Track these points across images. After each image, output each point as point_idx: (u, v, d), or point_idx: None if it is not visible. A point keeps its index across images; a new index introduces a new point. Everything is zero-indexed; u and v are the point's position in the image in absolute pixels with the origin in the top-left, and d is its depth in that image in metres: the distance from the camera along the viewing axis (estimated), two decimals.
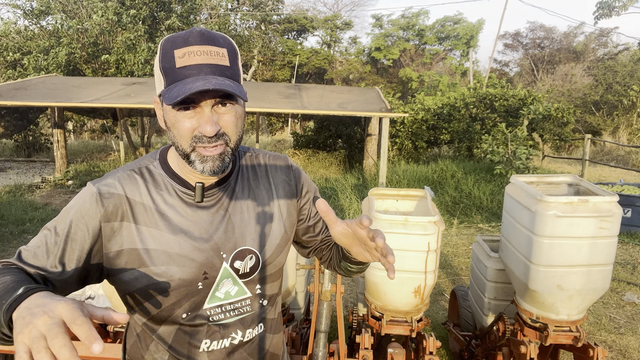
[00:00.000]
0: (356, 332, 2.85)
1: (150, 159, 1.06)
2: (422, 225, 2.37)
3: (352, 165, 11.96)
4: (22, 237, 6.34)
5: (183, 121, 0.92)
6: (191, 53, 0.89)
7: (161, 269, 0.98)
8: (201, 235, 1.01)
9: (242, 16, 21.11)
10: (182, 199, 1.02)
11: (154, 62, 0.96)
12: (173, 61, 0.90)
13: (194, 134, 0.92)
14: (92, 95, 9.07)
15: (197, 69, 0.89)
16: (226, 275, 1.04)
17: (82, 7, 14.36)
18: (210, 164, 0.94)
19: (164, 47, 0.91)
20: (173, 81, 0.90)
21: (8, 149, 15.59)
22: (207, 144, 0.92)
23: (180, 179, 1.02)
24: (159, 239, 0.98)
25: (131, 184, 1.00)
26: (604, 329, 3.84)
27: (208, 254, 1.02)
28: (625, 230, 6.45)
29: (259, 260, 1.08)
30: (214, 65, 0.90)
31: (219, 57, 0.91)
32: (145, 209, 0.99)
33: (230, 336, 1.08)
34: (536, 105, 10.97)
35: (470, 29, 26.43)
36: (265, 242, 1.09)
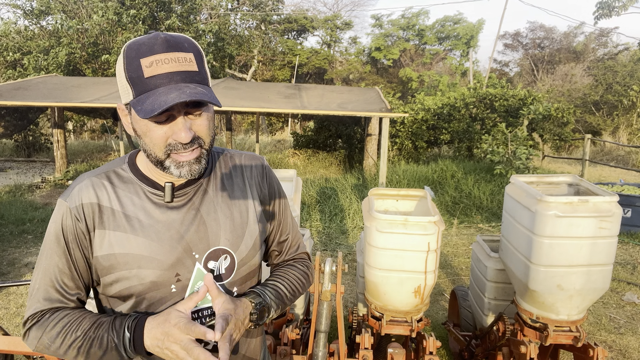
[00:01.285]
0: (356, 332, 2.85)
1: (119, 163, 1.06)
2: (422, 225, 2.37)
3: (352, 165, 11.96)
4: (22, 237, 6.34)
5: (155, 130, 0.91)
6: (159, 62, 0.88)
7: (132, 272, 0.97)
8: (171, 235, 1.00)
9: (242, 16, 21.12)
10: (152, 200, 1.01)
11: (117, 70, 0.93)
12: (140, 70, 0.88)
13: (167, 142, 0.92)
14: (92, 95, 9.07)
15: (167, 77, 0.88)
16: (200, 276, 1.02)
17: (82, 7, 14.36)
18: (187, 168, 0.95)
19: (128, 55, 0.89)
20: (142, 91, 0.88)
21: (8, 149, 15.59)
22: (183, 150, 0.93)
23: (149, 180, 1.02)
24: (128, 243, 0.98)
25: (97, 189, 1.00)
26: (604, 329, 3.84)
27: (179, 254, 1.00)
28: (625, 230, 6.45)
29: (234, 261, 1.06)
30: (184, 72, 0.89)
31: (187, 63, 0.90)
32: (113, 213, 0.99)
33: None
34: (536, 105, 10.97)
35: (470, 29, 26.44)
36: (241, 242, 1.07)
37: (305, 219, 7.31)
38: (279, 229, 1.21)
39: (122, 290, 0.99)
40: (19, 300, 4.29)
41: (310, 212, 7.64)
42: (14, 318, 3.95)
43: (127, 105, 0.94)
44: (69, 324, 0.97)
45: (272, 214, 1.19)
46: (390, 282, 2.47)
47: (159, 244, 0.99)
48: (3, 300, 4.29)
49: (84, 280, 1.02)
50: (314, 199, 8.23)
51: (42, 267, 1.00)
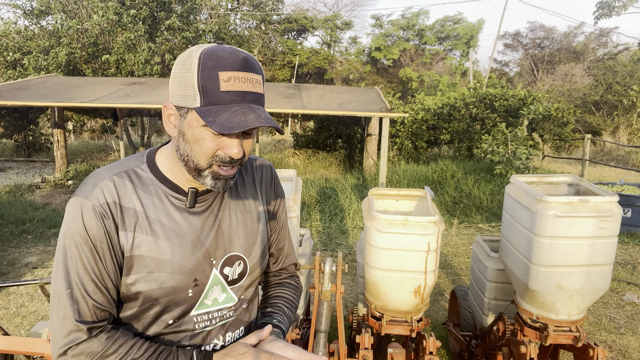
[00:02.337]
0: (356, 332, 2.85)
1: (136, 162, 1.03)
2: (422, 225, 2.37)
3: (352, 165, 11.96)
4: (22, 237, 6.34)
5: (210, 140, 0.92)
6: (237, 79, 0.89)
7: (153, 275, 0.97)
8: (192, 241, 1.00)
9: (242, 16, 21.11)
10: (173, 203, 1.00)
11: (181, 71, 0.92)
12: (217, 83, 0.88)
13: (216, 154, 0.93)
14: (92, 95, 9.07)
15: (241, 96, 0.90)
16: (216, 282, 1.04)
17: (82, 7, 14.36)
18: (222, 182, 0.97)
19: (205, 64, 0.89)
20: (214, 103, 0.89)
21: (8, 149, 15.59)
22: (228, 165, 0.95)
23: (172, 183, 1.01)
24: (150, 246, 0.97)
25: (119, 188, 0.97)
26: (604, 329, 3.84)
27: (199, 260, 1.01)
28: (625, 230, 6.45)
29: (246, 266, 1.09)
30: (254, 94, 0.92)
31: (258, 85, 0.92)
32: (135, 214, 0.97)
33: (212, 342, 1.08)
34: (536, 105, 10.97)
35: (470, 29, 26.44)
36: (253, 248, 1.10)
37: (305, 219, 7.31)
38: (277, 237, 1.23)
39: (139, 293, 0.97)
40: (19, 300, 4.29)
41: (310, 212, 7.63)
42: (14, 318, 3.95)
43: (183, 109, 0.93)
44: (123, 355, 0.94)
45: (276, 220, 1.21)
46: (390, 282, 2.47)
47: (180, 249, 0.99)
48: (3, 300, 4.29)
49: (115, 284, 0.98)
50: (314, 199, 8.23)
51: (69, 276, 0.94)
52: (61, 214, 7.55)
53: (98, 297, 0.95)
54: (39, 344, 2.06)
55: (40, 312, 4.03)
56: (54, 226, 6.87)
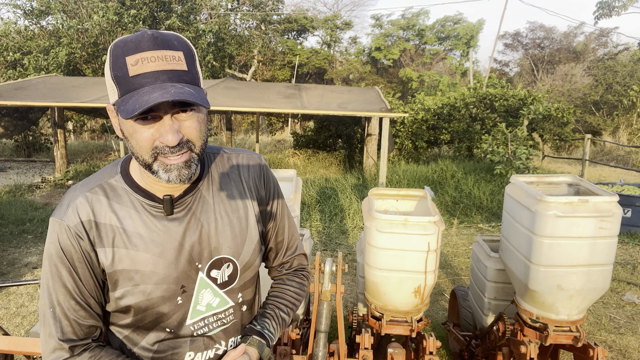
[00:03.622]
0: (356, 332, 2.85)
1: (110, 173, 1.00)
2: (422, 225, 2.37)
3: (352, 165, 11.96)
4: (22, 237, 6.34)
5: (142, 132, 0.86)
6: (144, 59, 0.83)
7: (138, 288, 0.95)
8: (174, 248, 0.97)
9: (242, 16, 21.11)
10: (150, 212, 0.97)
11: (105, 69, 0.89)
12: (125, 69, 0.83)
13: (154, 145, 0.87)
14: (92, 95, 9.07)
15: (153, 77, 0.83)
16: (204, 285, 1.01)
17: (82, 7, 14.36)
18: (175, 173, 0.90)
19: (114, 53, 0.84)
20: (127, 91, 0.84)
21: (8, 149, 15.59)
22: (170, 153, 0.88)
23: (146, 192, 0.97)
24: (131, 259, 0.95)
25: (94, 205, 0.95)
26: (604, 329, 3.84)
27: (183, 266, 0.98)
28: (625, 230, 6.45)
29: (236, 268, 1.05)
30: (171, 72, 0.84)
31: (175, 61, 0.85)
32: (112, 229, 0.95)
33: (215, 347, 1.07)
34: (536, 105, 10.97)
35: (470, 29, 26.44)
36: (242, 248, 1.05)
37: (305, 219, 7.31)
38: (275, 230, 1.18)
39: (129, 306, 0.97)
40: (19, 300, 4.29)
41: (310, 212, 7.63)
42: (14, 318, 3.95)
43: (114, 106, 0.89)
44: None
45: (270, 214, 1.15)
46: (390, 282, 2.47)
47: (162, 258, 0.96)
48: (3, 300, 4.29)
49: (97, 300, 0.98)
50: (314, 199, 8.23)
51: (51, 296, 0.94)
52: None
53: (80, 313, 0.95)
54: (39, 344, 2.06)
55: None
56: None
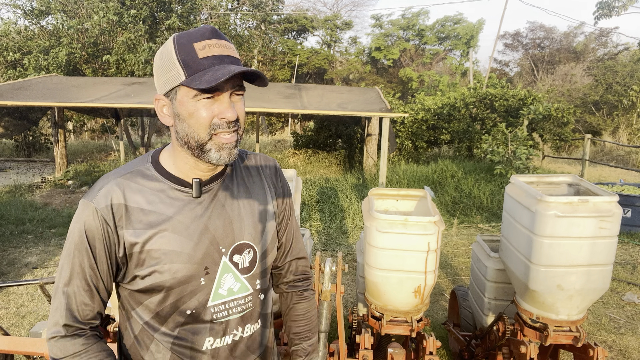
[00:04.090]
0: (356, 332, 2.85)
1: (141, 162, 1.08)
2: (422, 225, 2.37)
3: (352, 165, 11.95)
4: (22, 237, 6.34)
5: (202, 110, 0.96)
6: (210, 45, 0.95)
7: (165, 267, 1.01)
8: (200, 230, 1.04)
9: (242, 16, 21.10)
10: (179, 197, 1.04)
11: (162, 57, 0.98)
12: (194, 53, 0.94)
13: (212, 122, 0.97)
14: (92, 95, 9.07)
15: (219, 59, 0.95)
16: (226, 269, 1.07)
17: (82, 7, 14.36)
18: (226, 152, 0.99)
19: (179, 42, 0.95)
20: (197, 70, 0.94)
21: (8, 149, 15.59)
22: (227, 129, 0.97)
23: (175, 177, 1.05)
24: (160, 239, 1.01)
25: (125, 189, 1.02)
26: (604, 329, 3.84)
27: (207, 248, 1.04)
28: (625, 230, 6.45)
29: (256, 254, 1.12)
30: (231, 57, 0.97)
31: (232, 50, 0.98)
32: (142, 212, 1.01)
33: (232, 333, 1.11)
34: (536, 105, 10.96)
35: (470, 29, 26.43)
36: (262, 236, 1.13)
37: (305, 219, 7.31)
38: (284, 230, 1.26)
39: (153, 285, 1.02)
40: (19, 300, 4.29)
41: (310, 212, 7.63)
42: (13, 318, 3.95)
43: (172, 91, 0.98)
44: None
45: (282, 213, 1.24)
46: (390, 282, 2.47)
47: (188, 240, 1.02)
48: (3, 300, 4.29)
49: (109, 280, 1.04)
50: (314, 199, 8.23)
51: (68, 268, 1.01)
52: (61, 214, 7.55)
53: (87, 295, 1.01)
54: (39, 344, 2.06)
55: (40, 312, 4.03)
56: (54, 226, 6.87)
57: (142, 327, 1.07)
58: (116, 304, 2.33)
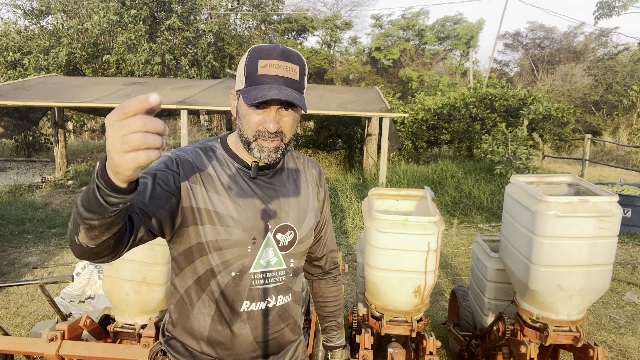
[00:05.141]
0: (356, 332, 2.85)
1: (213, 142, 1.27)
2: (422, 225, 2.37)
3: (352, 165, 11.95)
4: (22, 237, 6.34)
5: (252, 116, 1.14)
6: (271, 65, 1.11)
7: (223, 228, 1.17)
8: (255, 205, 1.21)
9: (242, 16, 21.10)
10: (240, 174, 1.22)
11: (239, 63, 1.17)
12: (256, 68, 1.11)
13: (258, 128, 1.14)
14: (92, 95, 9.07)
15: (274, 79, 1.11)
16: (269, 244, 1.23)
17: (83, 7, 14.36)
18: (266, 154, 1.16)
19: (251, 55, 1.12)
20: (252, 84, 1.11)
21: (8, 149, 15.58)
22: (267, 138, 1.14)
23: (239, 158, 1.24)
24: (223, 204, 1.17)
25: (199, 157, 1.21)
26: (604, 329, 3.84)
27: (258, 222, 1.21)
28: (625, 230, 6.45)
29: (296, 237, 1.28)
30: (287, 79, 1.12)
31: (292, 72, 1.13)
32: (211, 178, 1.19)
33: (267, 300, 1.26)
34: (536, 105, 10.97)
35: (470, 29, 26.42)
36: (303, 222, 1.29)
37: None
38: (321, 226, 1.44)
39: (212, 241, 1.17)
40: (19, 300, 4.29)
41: None
42: (14, 318, 3.95)
43: (237, 92, 1.18)
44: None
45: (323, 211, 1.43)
46: (390, 282, 2.47)
47: (245, 210, 1.19)
48: (3, 300, 4.29)
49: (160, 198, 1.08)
50: None
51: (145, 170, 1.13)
52: (61, 214, 7.55)
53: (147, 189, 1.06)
54: (39, 344, 2.06)
55: (40, 312, 4.03)
56: (54, 226, 6.87)
57: (192, 284, 1.23)
58: (116, 303, 2.33)
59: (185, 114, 8.37)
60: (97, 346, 2.07)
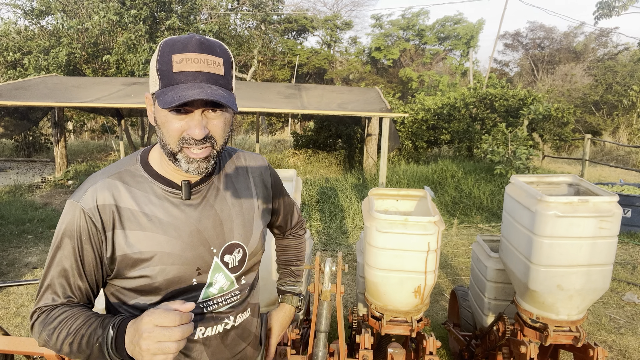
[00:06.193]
0: (356, 332, 2.85)
1: (130, 162, 1.07)
2: (422, 225, 2.37)
3: (352, 165, 11.95)
4: (22, 237, 6.34)
5: (173, 122, 0.95)
6: (188, 60, 0.92)
7: (156, 268, 1.01)
8: (191, 232, 1.05)
9: (242, 16, 21.10)
10: (168, 198, 1.04)
11: (151, 61, 0.98)
12: (170, 65, 0.92)
13: (182, 136, 0.95)
14: (92, 95, 9.07)
15: (193, 76, 0.92)
16: (217, 269, 1.09)
17: (83, 7, 14.36)
18: (195, 165, 0.98)
19: (163, 50, 0.94)
20: (168, 84, 0.93)
21: (8, 149, 15.58)
22: (195, 146, 0.96)
23: (165, 179, 1.05)
24: (150, 241, 1.01)
25: (113, 190, 1.01)
26: (604, 329, 3.84)
27: (199, 250, 1.05)
28: (625, 230, 6.45)
29: (245, 253, 1.15)
30: (209, 74, 0.94)
31: (215, 66, 0.94)
32: (131, 213, 1.01)
33: (224, 322, 1.14)
34: (536, 105, 10.96)
35: (470, 29, 26.43)
36: (250, 236, 1.15)
37: (305, 219, 7.30)
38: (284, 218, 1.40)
39: (144, 285, 1.02)
40: (19, 300, 4.29)
41: (310, 212, 7.63)
42: (14, 318, 3.95)
43: (152, 95, 0.98)
44: (65, 319, 0.97)
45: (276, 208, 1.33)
46: (390, 282, 2.47)
47: (180, 241, 1.03)
48: (3, 300, 4.29)
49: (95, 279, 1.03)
50: (314, 199, 8.23)
51: (52, 265, 1.01)
52: (61, 214, 7.55)
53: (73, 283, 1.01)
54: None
55: None
56: (54, 226, 6.87)
57: None
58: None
59: None
60: None
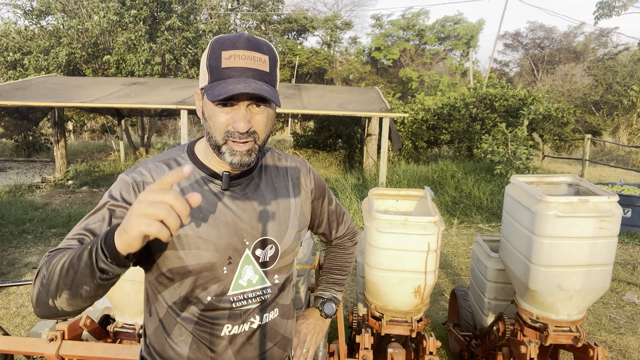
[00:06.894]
0: (356, 332, 2.85)
1: (178, 152, 1.13)
2: (422, 225, 2.37)
3: (352, 165, 11.96)
4: (22, 237, 6.34)
5: (220, 115, 1.00)
6: (237, 56, 0.97)
7: (191, 252, 1.05)
8: (227, 221, 1.08)
9: (242, 16, 21.09)
10: (210, 188, 1.09)
11: (201, 58, 1.03)
12: (219, 61, 0.98)
13: (227, 129, 1.01)
14: (92, 95, 9.07)
15: (240, 71, 0.98)
16: (247, 261, 1.12)
17: (83, 7, 14.36)
18: (238, 157, 1.02)
19: (213, 47, 0.99)
20: (217, 79, 0.98)
21: (8, 149, 15.59)
22: (238, 139, 1.00)
23: (208, 168, 1.10)
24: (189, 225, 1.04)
25: (160, 172, 1.07)
26: (604, 329, 3.84)
27: (232, 240, 1.09)
28: (625, 230, 6.45)
29: (277, 251, 1.16)
30: (255, 70, 0.99)
31: (261, 63, 0.99)
32: None
33: (250, 320, 1.15)
34: (536, 105, 10.96)
35: (470, 29, 26.43)
36: (285, 234, 1.17)
37: None
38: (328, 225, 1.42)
39: (178, 268, 1.05)
40: (19, 300, 4.29)
41: None
42: (14, 318, 3.95)
43: (202, 90, 1.04)
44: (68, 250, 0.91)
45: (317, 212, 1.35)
46: (390, 282, 2.47)
47: (216, 229, 1.06)
48: (3, 300, 4.29)
49: None
50: None
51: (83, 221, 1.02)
52: (61, 214, 7.55)
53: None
54: (39, 344, 2.06)
55: None
56: (54, 226, 6.87)
57: (167, 311, 1.12)
58: (115, 303, 2.33)
59: (185, 114, 8.37)
60: (97, 346, 2.07)
